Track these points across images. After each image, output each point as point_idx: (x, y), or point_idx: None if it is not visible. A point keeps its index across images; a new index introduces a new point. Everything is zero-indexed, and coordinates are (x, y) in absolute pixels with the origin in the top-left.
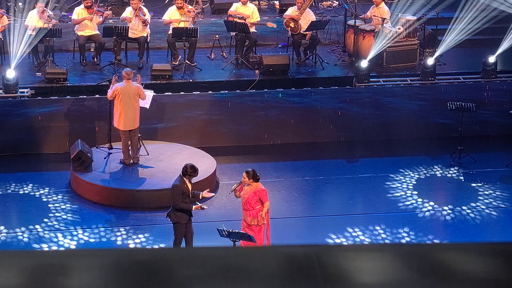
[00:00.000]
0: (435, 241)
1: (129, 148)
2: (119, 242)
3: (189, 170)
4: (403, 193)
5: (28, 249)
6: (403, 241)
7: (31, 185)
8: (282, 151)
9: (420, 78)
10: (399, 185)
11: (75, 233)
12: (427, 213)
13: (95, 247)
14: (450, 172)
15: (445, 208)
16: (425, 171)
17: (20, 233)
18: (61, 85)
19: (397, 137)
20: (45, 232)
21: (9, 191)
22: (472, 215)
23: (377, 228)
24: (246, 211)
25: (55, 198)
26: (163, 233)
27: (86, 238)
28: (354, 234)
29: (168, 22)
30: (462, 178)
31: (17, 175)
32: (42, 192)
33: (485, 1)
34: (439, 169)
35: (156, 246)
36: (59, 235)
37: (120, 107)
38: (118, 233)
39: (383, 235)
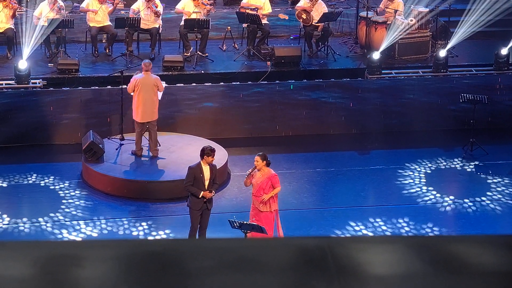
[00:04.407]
0: (442, 232)
1: (142, 139)
2: (130, 233)
3: (207, 150)
4: (417, 188)
5: (40, 240)
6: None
7: (42, 176)
8: (293, 143)
9: (432, 70)
10: (411, 180)
11: (86, 224)
12: (436, 204)
13: (107, 237)
14: (462, 164)
15: (456, 200)
16: (437, 163)
17: (33, 224)
18: (73, 76)
19: (409, 129)
20: (57, 223)
21: (22, 181)
22: (483, 207)
23: (392, 219)
24: (258, 198)
25: (67, 189)
26: (175, 224)
27: (97, 229)
28: (366, 226)
29: (180, 12)
30: (473, 170)
31: (29, 165)
32: (53, 183)
33: None
34: (450, 161)
35: (163, 234)
36: (71, 226)
37: (138, 98)
38: (130, 224)
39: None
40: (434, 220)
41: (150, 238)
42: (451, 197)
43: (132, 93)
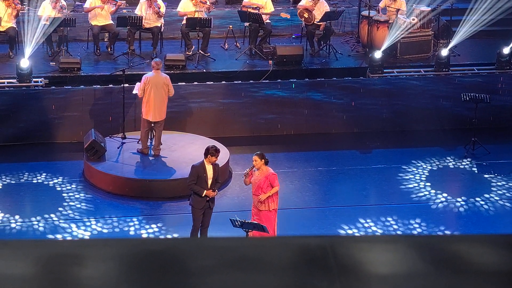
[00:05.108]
0: (447, 232)
1: (149, 138)
2: (132, 232)
3: (211, 150)
4: (417, 185)
5: (42, 239)
6: (415, 232)
7: (44, 174)
8: (295, 142)
9: (434, 69)
10: (412, 177)
11: (88, 223)
12: (440, 205)
13: (108, 237)
14: (464, 163)
15: (459, 199)
16: (439, 163)
17: (35, 223)
18: (75, 74)
19: (411, 128)
20: (59, 221)
21: (23, 180)
22: (485, 206)
23: (390, 219)
24: (257, 197)
25: (68, 187)
26: (177, 223)
27: (99, 228)
28: (366, 225)
29: (183, 14)
30: (475, 169)
31: (30, 164)
32: (55, 181)
33: None
34: (452, 160)
35: (169, 235)
36: (73, 225)
37: (149, 97)
38: (132, 223)
39: (396, 226)
40: (436, 220)
41: (151, 236)
42: (451, 196)
43: (142, 96)
